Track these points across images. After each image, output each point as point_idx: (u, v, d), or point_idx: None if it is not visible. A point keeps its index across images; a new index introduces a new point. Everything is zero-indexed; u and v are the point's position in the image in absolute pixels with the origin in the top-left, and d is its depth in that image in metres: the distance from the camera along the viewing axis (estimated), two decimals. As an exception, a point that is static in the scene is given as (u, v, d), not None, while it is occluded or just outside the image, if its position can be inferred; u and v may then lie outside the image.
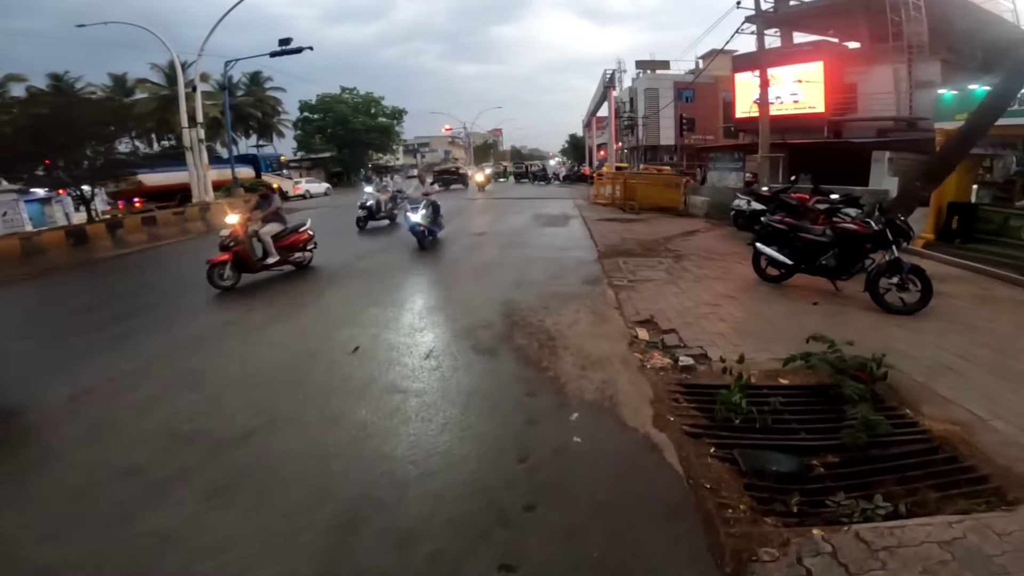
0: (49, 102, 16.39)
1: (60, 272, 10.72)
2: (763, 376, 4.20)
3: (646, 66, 41.27)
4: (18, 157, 14.88)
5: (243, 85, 41.84)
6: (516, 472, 3.08)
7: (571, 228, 13.53)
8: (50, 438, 3.71)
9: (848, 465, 3.00)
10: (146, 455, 3.37)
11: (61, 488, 3.06)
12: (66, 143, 15.20)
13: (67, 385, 4.51)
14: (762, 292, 6.70)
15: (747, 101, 22.21)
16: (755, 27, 16.24)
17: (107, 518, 2.79)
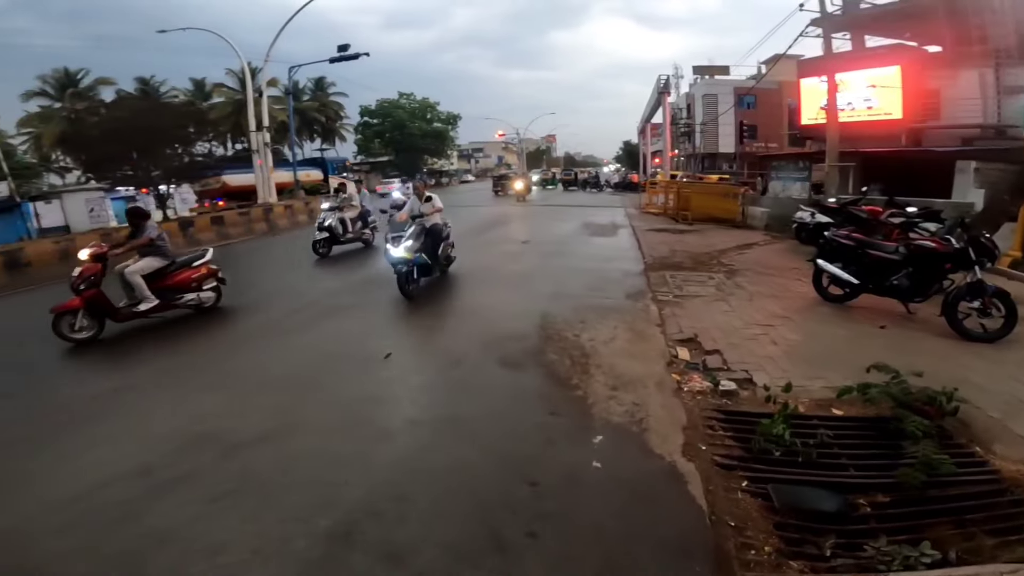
0: (134, 106, 17.74)
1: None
2: (813, 406, 3.83)
3: (704, 71, 39.99)
4: (107, 157, 16.16)
5: (308, 90, 43.80)
6: (524, 495, 2.90)
7: (619, 238, 13.11)
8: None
9: (899, 505, 2.70)
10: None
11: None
12: (150, 145, 16.40)
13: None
14: (822, 313, 6.15)
15: (813, 107, 21.00)
16: (821, 30, 15.25)
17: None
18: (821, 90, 20.26)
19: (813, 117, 20.72)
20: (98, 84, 32.59)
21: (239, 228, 16.78)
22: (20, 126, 31.47)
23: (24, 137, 31.63)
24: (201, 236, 15.18)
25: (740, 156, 33.13)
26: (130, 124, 15.89)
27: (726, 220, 15.03)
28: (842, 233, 6.51)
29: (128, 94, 26.12)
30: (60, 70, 32.18)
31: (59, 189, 25.74)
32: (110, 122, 16.37)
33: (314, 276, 9.57)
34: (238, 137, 36.41)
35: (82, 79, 32.74)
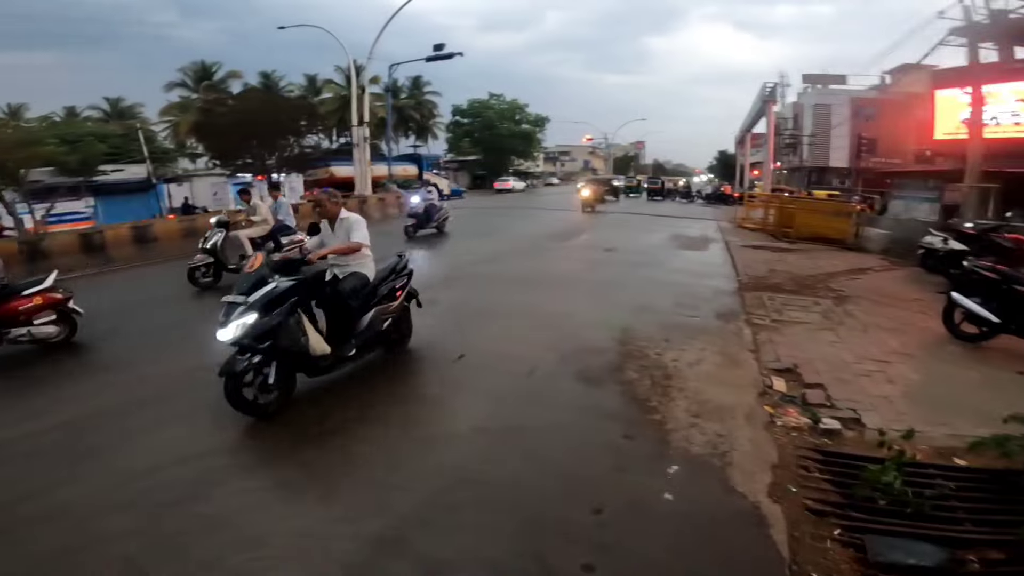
0: (256, 99, 19.42)
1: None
2: (932, 454, 3.35)
3: (816, 80, 36.85)
4: (232, 145, 17.81)
5: (406, 88, 45.58)
6: (584, 521, 2.67)
7: (710, 253, 12.26)
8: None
9: (1014, 563, 2.40)
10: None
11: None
12: (268, 135, 17.88)
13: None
14: (951, 353, 5.30)
15: (949, 121, 18.77)
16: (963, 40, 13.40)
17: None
18: (960, 103, 18.01)
19: (949, 132, 18.48)
20: (229, 77, 35.95)
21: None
22: (162, 114, 35.67)
23: (165, 124, 35.82)
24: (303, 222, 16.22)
25: (856, 171, 30.17)
26: (253, 115, 17.34)
27: (836, 240, 13.61)
28: (985, 264, 5.59)
29: (253, 87, 28.67)
30: (197, 63, 35.93)
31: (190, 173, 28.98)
32: (236, 113, 17.92)
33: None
34: (342, 131, 38.72)
35: (216, 72, 36.38)
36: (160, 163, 26.62)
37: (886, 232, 13.06)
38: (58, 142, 15.92)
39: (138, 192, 22.59)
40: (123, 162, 22.77)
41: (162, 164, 26.90)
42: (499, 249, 11.47)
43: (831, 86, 35.60)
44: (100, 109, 36.81)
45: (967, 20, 13.31)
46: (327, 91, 39.74)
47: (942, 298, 5.96)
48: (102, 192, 21.02)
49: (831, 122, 31.83)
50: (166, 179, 25.37)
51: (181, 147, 32.88)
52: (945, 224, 10.61)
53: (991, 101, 14.56)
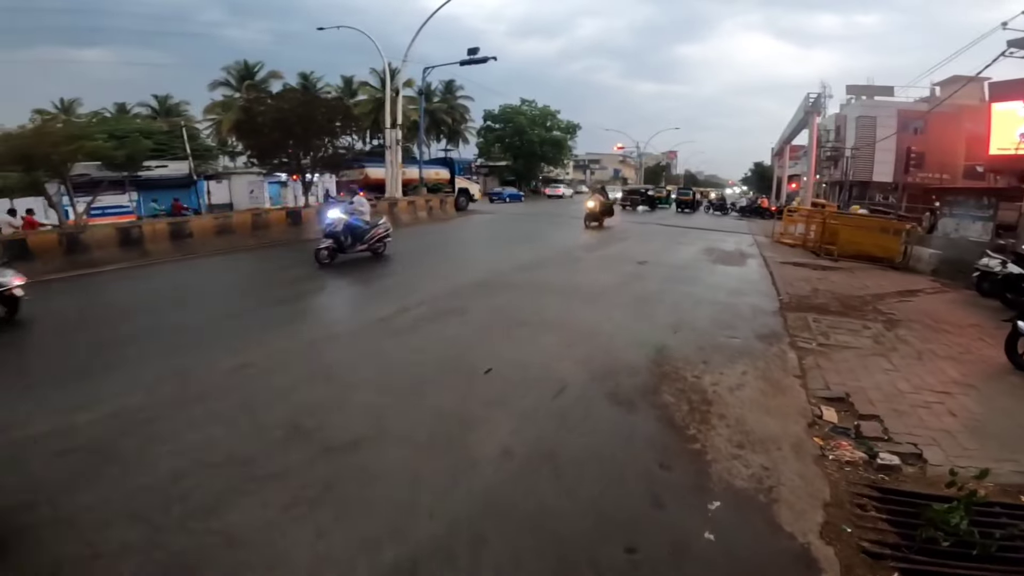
0: (294, 99, 19.70)
1: (272, 248, 12.77)
2: (998, 492, 3.08)
3: (860, 91, 35.49)
4: (270, 144, 18.14)
5: (439, 92, 45.87)
6: (618, 563, 2.46)
7: (747, 268, 11.81)
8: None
9: None
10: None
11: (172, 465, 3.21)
12: (304, 135, 18.14)
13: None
14: (1016, 384, 4.90)
15: (1006, 136, 17.79)
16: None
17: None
18: (1019, 117, 17.11)
19: (1004, 147, 17.55)
20: (270, 77, 36.92)
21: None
22: (206, 112, 36.82)
23: (208, 122, 36.93)
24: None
25: (902, 187, 28.94)
26: (290, 114, 17.61)
27: (882, 259, 12.97)
28: (1058, 291, 5.14)
29: (292, 87, 29.23)
30: (240, 62, 36.99)
31: (230, 171, 29.73)
32: (274, 112, 18.22)
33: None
34: (376, 133, 39.28)
35: (258, 71, 37.41)
36: (202, 160, 27.46)
37: (937, 252, 12.39)
38: (106, 137, 16.49)
39: (180, 188, 23.33)
40: (167, 158, 23.50)
41: (204, 161, 27.73)
42: (519, 262, 11.23)
43: (876, 98, 34.33)
44: (149, 106, 38.22)
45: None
46: (362, 93, 40.35)
47: (1003, 325, 5.56)
48: (145, 187, 21.76)
49: (876, 135, 30.60)
50: (206, 176, 26.13)
51: (223, 145, 33.85)
52: (1002, 246, 9.97)
53: None
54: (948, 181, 24.44)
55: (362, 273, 9.47)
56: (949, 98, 21.61)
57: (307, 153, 18.93)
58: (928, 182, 26.24)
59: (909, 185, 27.75)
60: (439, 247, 14.28)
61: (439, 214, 21.68)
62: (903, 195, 28.18)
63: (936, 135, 27.31)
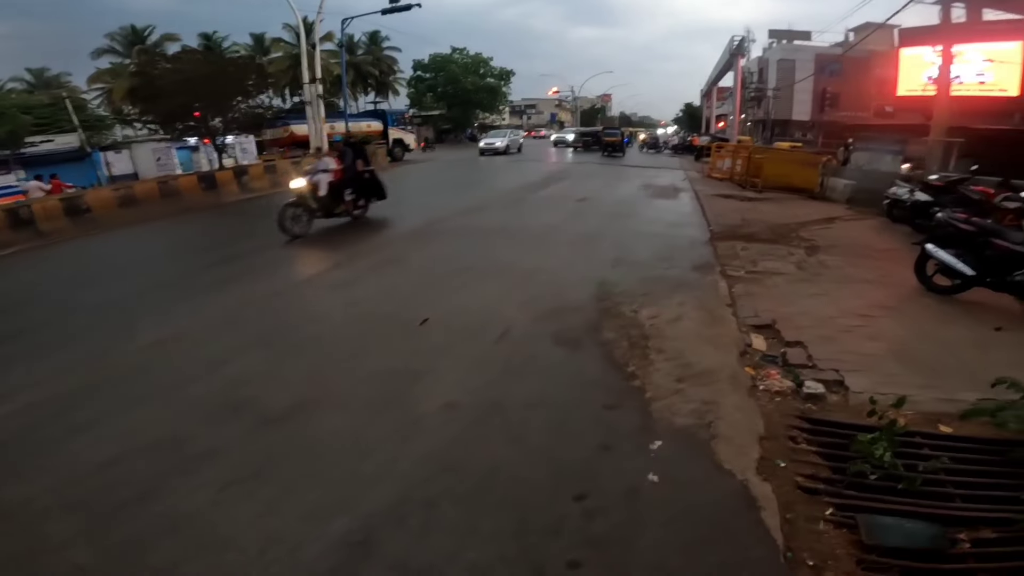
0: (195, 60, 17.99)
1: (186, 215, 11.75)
2: (920, 420, 3.20)
3: (781, 35, 37.04)
4: (172, 109, 16.53)
5: (363, 44, 43.39)
6: (569, 513, 2.46)
7: (681, 202, 12.16)
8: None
9: (1006, 543, 2.31)
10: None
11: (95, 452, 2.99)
12: (213, 97, 16.67)
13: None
14: (930, 307, 5.23)
15: (913, 78, 19.08)
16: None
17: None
18: (925, 61, 18.17)
19: (912, 89, 18.78)
20: (164, 40, 33.46)
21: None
22: (91, 82, 32.90)
23: (97, 92, 33.05)
24: (255, 184, 15.35)
25: (818, 125, 30.55)
26: (193, 77, 16.15)
27: (802, 190, 13.64)
28: (961, 217, 5.50)
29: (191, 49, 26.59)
30: (127, 27, 33.21)
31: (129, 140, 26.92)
32: (173, 75, 16.64)
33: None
34: (295, 90, 36.67)
35: (148, 35, 33.66)
36: (96, 131, 24.81)
37: (851, 183, 13.12)
38: (-22, 116, 14.52)
39: (73, 162, 21.04)
40: (53, 132, 21.21)
41: (98, 132, 25.07)
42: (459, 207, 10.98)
43: (796, 42, 35.82)
44: (23, 80, 33.77)
45: None
46: (276, 50, 37.72)
47: (914, 248, 5.90)
48: (32, 165, 19.53)
49: (795, 77, 31.84)
50: (102, 147, 23.59)
51: (118, 114, 30.65)
52: (909, 176, 10.66)
53: (957, 60, 14.69)
54: (861, 119, 25.83)
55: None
56: (860, 42, 22.66)
57: (217, 115, 17.47)
58: (843, 119, 27.67)
59: (825, 123, 29.33)
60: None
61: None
62: (820, 132, 29.78)
63: (850, 77, 28.74)
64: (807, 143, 28.00)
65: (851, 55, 26.51)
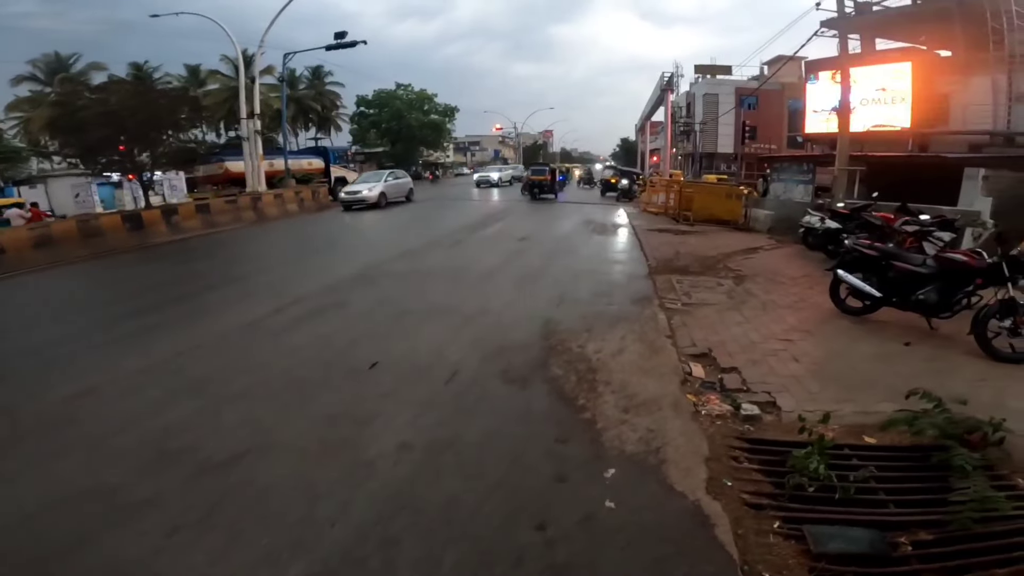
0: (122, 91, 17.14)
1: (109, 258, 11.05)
2: (845, 433, 3.49)
3: (706, 71, 39.66)
4: (95, 142, 15.61)
5: (305, 79, 43.07)
6: (531, 542, 2.52)
7: (619, 237, 12.74)
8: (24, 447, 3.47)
9: (943, 544, 2.49)
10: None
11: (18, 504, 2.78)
12: (140, 130, 15.90)
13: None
14: (843, 327, 5.76)
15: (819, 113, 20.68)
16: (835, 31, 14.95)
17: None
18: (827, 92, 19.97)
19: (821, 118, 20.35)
20: (90, 69, 31.99)
21: (226, 216, 16.26)
22: (9, 110, 30.74)
23: (14, 122, 30.88)
24: (186, 224, 14.67)
25: (740, 157, 32.89)
26: (119, 109, 15.37)
27: (728, 222, 14.67)
28: (865, 243, 6.14)
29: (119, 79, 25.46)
30: (51, 54, 31.68)
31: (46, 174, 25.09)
32: (97, 106, 15.76)
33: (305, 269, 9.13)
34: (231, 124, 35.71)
35: (74, 63, 32.10)
36: (10, 164, 23.04)
37: (770, 213, 14.26)
38: None
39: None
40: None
41: (12, 165, 23.30)
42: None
43: (719, 76, 38.28)
44: None
45: (840, 12, 14.74)
46: (213, 82, 36.73)
47: (825, 273, 6.49)
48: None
49: (719, 110, 34.31)
50: (16, 181, 21.90)
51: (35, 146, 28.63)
52: (820, 204, 11.74)
53: (855, 87, 16.14)
54: (776, 151, 28.11)
55: (224, 274, 8.64)
56: (772, 76, 24.84)
57: (145, 149, 16.65)
58: (760, 152, 30.03)
59: (746, 155, 31.63)
60: (312, 240, 13.50)
61: (312, 206, 20.37)
62: (742, 164, 32.11)
63: (766, 110, 31.21)
64: (732, 175, 29.97)
65: (766, 88, 28.42)
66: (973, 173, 12.51)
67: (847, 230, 9.09)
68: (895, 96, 17.31)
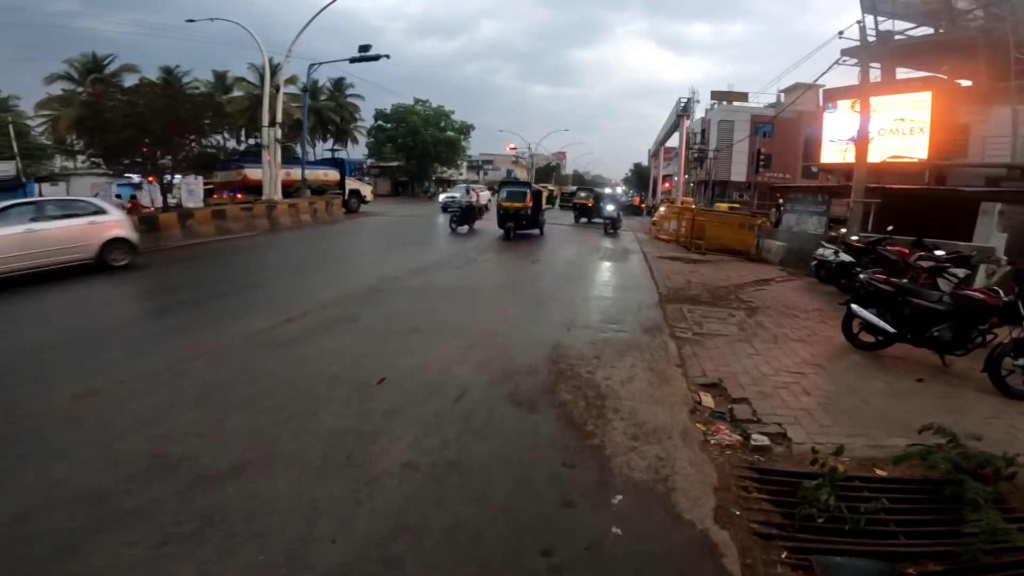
0: (151, 93, 17.55)
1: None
2: (855, 466, 3.50)
3: (722, 97, 39.68)
4: (119, 143, 15.93)
5: (327, 90, 43.84)
6: (536, 568, 2.49)
7: (631, 264, 12.71)
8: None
9: (952, 575, 2.52)
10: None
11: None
12: (165, 133, 16.23)
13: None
14: (855, 362, 5.71)
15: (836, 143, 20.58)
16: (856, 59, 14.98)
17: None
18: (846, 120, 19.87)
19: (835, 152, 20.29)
20: (123, 71, 32.80)
21: (240, 223, 16.45)
22: (39, 108, 31.52)
23: (42, 119, 31.63)
24: (200, 228, 14.85)
25: (754, 185, 32.87)
26: (146, 111, 15.72)
27: (740, 252, 14.64)
28: (880, 278, 6.11)
29: (149, 81, 26.01)
30: (88, 54, 32.39)
31: (68, 172, 25.64)
32: (124, 107, 16.14)
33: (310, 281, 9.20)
34: (252, 132, 36.38)
35: (108, 64, 32.87)
36: (34, 160, 23.57)
37: (783, 244, 14.22)
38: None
39: (6, 192, 19.78)
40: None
41: (36, 161, 23.82)
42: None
43: (735, 103, 38.37)
44: None
45: (862, 40, 14.77)
46: (238, 89, 37.53)
47: (840, 308, 6.45)
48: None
49: (733, 138, 34.42)
50: (38, 177, 22.36)
51: (61, 143, 29.28)
52: (834, 237, 11.70)
53: (875, 116, 16.01)
54: (790, 180, 28.07)
55: (235, 283, 8.68)
56: (791, 104, 24.88)
57: (168, 152, 16.99)
58: (773, 181, 30.00)
59: (759, 184, 31.63)
60: (324, 252, 13.57)
61: (325, 217, 20.56)
62: (755, 193, 32.07)
63: (781, 138, 31.24)
64: (744, 203, 29.96)
65: (782, 116, 28.33)
66: (989, 208, 12.44)
67: (861, 264, 9.05)
68: (914, 126, 17.22)
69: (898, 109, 17.50)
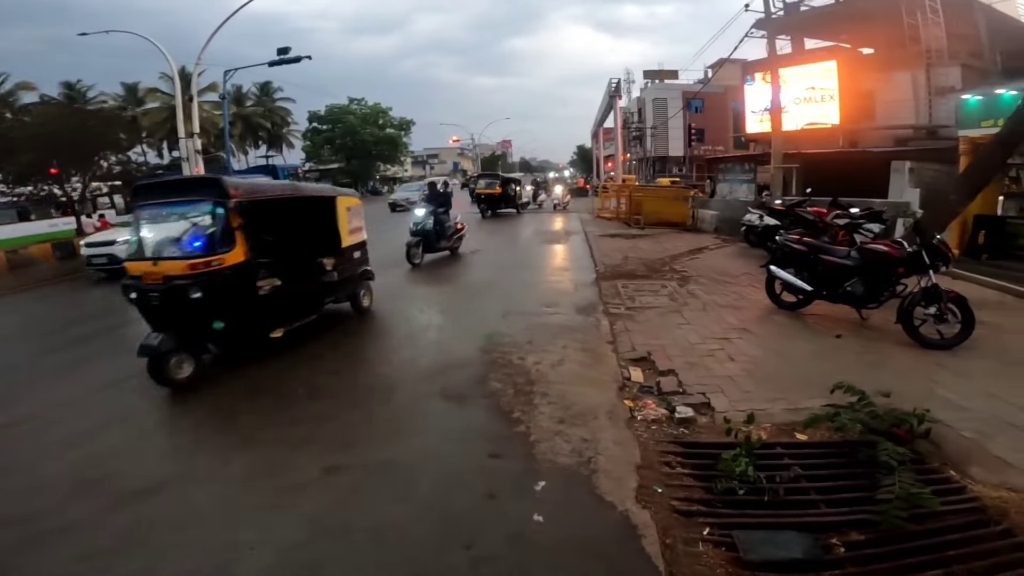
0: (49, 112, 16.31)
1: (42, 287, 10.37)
2: (777, 432, 3.50)
3: (654, 76, 40.58)
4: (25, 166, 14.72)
5: (252, 96, 42.02)
6: (457, 562, 2.47)
7: (572, 244, 12.86)
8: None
9: (876, 544, 2.43)
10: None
11: None
12: (74, 153, 15.11)
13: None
14: (779, 323, 5.90)
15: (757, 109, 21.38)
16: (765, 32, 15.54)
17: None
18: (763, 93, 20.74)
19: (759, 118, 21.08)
20: (18, 89, 30.10)
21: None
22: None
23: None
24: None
25: (690, 159, 33.83)
26: (50, 130, 14.53)
27: (677, 224, 15.03)
28: (794, 238, 6.33)
29: (49, 99, 24.09)
30: (-27, 75, 29.58)
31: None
32: (20, 128, 14.89)
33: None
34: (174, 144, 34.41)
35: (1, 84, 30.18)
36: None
37: (716, 213, 14.68)
38: None
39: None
40: None
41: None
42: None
43: (667, 81, 39.29)
44: None
45: (766, 12, 15.26)
46: (152, 100, 35.19)
47: (764, 271, 6.66)
48: None
49: (668, 114, 35.21)
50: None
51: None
52: (760, 202, 12.15)
53: (785, 85, 16.57)
54: (722, 152, 28.97)
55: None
56: (711, 79, 25.65)
57: (79, 172, 15.84)
58: (708, 153, 30.94)
59: (695, 158, 32.62)
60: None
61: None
62: (692, 166, 33.05)
63: (712, 112, 32.20)
64: (684, 177, 30.82)
65: (710, 91, 29.03)
66: (900, 166, 13.24)
67: (784, 226, 9.38)
68: (824, 94, 18.06)
69: (809, 78, 18.29)
